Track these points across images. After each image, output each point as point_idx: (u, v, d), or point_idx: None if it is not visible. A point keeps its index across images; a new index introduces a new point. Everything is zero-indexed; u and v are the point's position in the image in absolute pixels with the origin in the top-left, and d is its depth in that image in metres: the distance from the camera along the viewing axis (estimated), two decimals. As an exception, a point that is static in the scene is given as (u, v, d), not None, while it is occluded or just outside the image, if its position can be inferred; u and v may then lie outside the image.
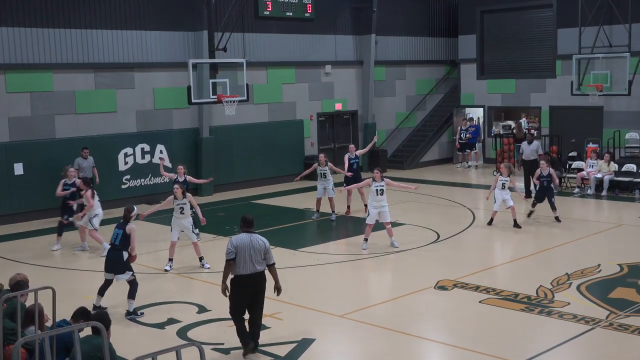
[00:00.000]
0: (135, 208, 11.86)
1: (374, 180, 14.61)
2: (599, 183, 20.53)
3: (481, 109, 28.47)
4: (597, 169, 20.83)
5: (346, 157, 18.52)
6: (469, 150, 27.21)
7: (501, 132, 26.96)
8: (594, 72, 22.71)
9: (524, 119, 27.81)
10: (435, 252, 14.68)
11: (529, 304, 11.12)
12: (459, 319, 10.80)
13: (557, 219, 16.80)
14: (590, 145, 23.30)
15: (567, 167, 22.42)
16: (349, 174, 18.06)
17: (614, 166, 20.73)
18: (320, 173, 18.05)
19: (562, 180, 21.68)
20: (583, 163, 21.80)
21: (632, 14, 22.68)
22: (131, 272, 11.27)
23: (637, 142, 23.81)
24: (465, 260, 14.10)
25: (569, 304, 11.02)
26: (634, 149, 23.70)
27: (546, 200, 16.95)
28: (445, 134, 28.81)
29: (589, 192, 20.57)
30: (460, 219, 17.65)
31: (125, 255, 11.21)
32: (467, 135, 26.98)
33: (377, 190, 14.57)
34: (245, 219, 9.58)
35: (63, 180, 15.84)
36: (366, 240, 14.79)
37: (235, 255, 9.16)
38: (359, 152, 19.13)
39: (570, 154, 23.47)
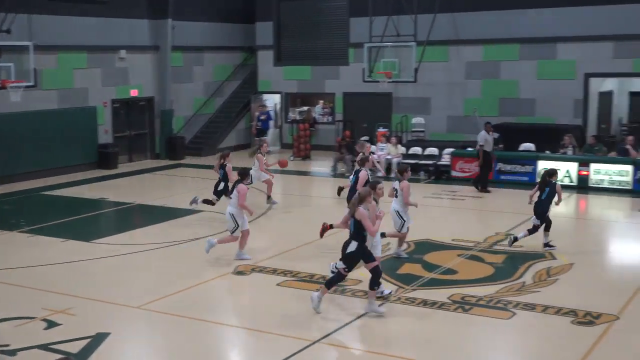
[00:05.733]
0: None
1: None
2: (389, 165, 21.64)
3: (278, 95, 28.96)
4: (386, 152, 21.94)
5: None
6: (264, 137, 27.60)
7: (297, 118, 27.59)
8: (384, 60, 23.80)
9: (319, 105, 28.60)
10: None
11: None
12: (257, 303, 10.94)
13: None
14: (381, 129, 24.48)
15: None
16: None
17: (401, 149, 21.95)
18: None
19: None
20: (374, 146, 22.84)
21: (418, 5, 23.99)
22: None
23: (422, 126, 25.35)
24: (262, 244, 14.26)
25: (361, 281, 11.48)
26: (420, 132, 25.23)
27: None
28: (243, 120, 28.97)
29: (379, 174, 21.56)
30: (259, 205, 17.83)
31: None
32: (260, 121, 27.36)
33: None
34: None
35: None
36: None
37: None
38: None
39: (362, 139, 24.45)
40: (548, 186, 13.22)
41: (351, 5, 26.91)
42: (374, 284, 10.03)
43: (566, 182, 19.62)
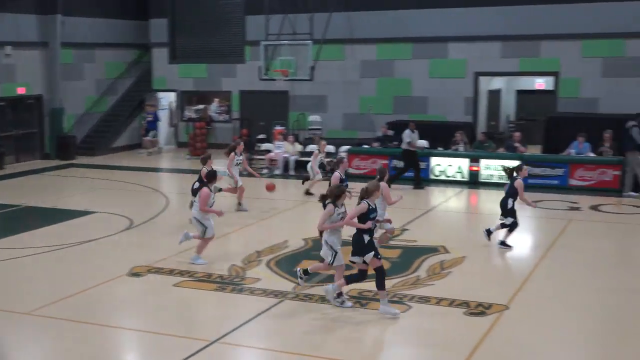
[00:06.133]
0: None
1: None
2: (286, 163, 21.67)
3: (174, 93, 28.52)
4: (283, 150, 21.98)
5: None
6: (155, 137, 27.28)
7: (193, 116, 27.28)
8: (281, 58, 23.85)
9: (215, 103, 28.34)
10: (129, 239, 14.42)
11: (222, 283, 11.39)
12: (153, 304, 10.73)
13: None
14: (278, 127, 24.50)
15: (257, 149, 23.38)
16: None
17: (298, 147, 22.04)
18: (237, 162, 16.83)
19: (252, 162, 22.56)
20: (271, 145, 22.86)
21: (313, 4, 24.14)
22: None
23: (319, 124, 25.52)
24: (159, 245, 14.00)
25: (259, 279, 11.48)
26: (316, 130, 25.39)
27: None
28: (137, 119, 28.37)
29: (277, 172, 21.62)
30: (154, 204, 17.53)
31: None
32: (147, 122, 27.03)
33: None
34: None
35: None
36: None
37: None
38: None
39: (259, 137, 24.51)
40: (511, 181, 13.48)
41: (247, 2, 26.79)
42: (350, 279, 10.25)
43: (458, 177, 20.23)
